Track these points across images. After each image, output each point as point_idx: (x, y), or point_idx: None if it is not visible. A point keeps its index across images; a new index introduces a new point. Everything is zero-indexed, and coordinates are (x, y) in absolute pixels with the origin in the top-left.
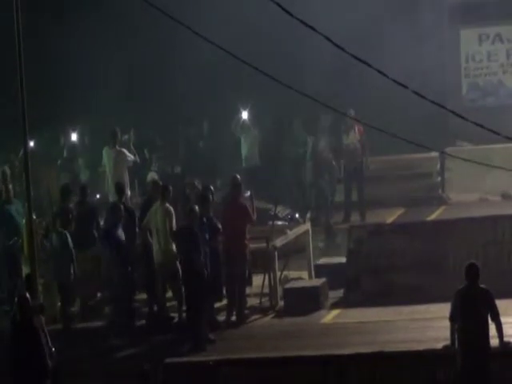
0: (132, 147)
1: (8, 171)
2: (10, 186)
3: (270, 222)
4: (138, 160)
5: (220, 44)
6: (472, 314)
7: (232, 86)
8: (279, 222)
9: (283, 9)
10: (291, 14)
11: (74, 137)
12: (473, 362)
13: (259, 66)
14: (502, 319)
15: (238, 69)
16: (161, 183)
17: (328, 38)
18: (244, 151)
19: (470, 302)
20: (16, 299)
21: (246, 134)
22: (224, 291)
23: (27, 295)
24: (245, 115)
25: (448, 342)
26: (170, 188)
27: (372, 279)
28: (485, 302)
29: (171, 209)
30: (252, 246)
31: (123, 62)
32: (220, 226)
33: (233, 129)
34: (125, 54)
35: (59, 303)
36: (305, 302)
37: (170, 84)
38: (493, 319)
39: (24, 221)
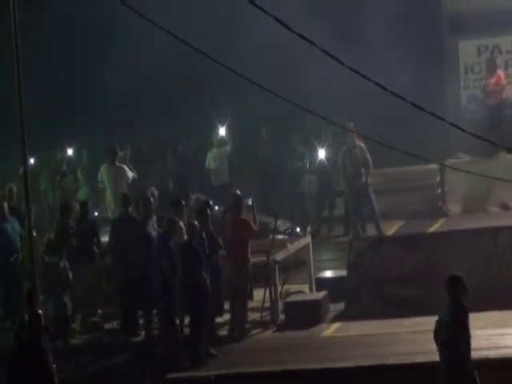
0: (128, 163)
1: (15, 189)
2: (5, 204)
3: (271, 236)
4: (137, 176)
5: (211, 54)
6: None
7: (225, 99)
8: (280, 236)
9: (281, 22)
10: (290, 29)
11: (70, 152)
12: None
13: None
14: (503, 330)
15: (234, 81)
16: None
17: (326, 52)
18: (212, 167)
19: None
20: (28, 316)
21: (219, 150)
22: (225, 306)
23: (40, 312)
24: (222, 131)
25: None
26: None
27: (373, 292)
28: None
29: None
30: (252, 259)
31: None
32: (221, 241)
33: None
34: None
35: None
36: (306, 315)
37: (161, 98)
38: None
39: (21, 237)
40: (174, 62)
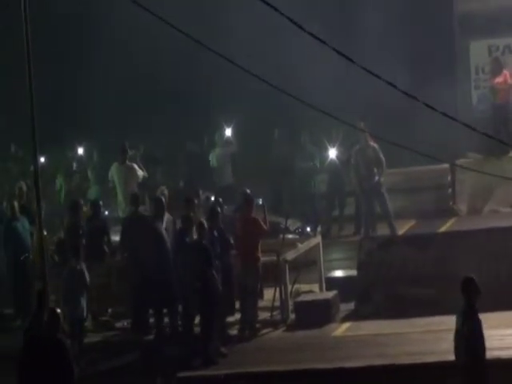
0: (139, 162)
1: (25, 188)
2: (16, 203)
3: (281, 236)
4: (147, 175)
5: (224, 53)
6: None
7: (235, 99)
8: (290, 236)
9: (295, 23)
10: (304, 29)
11: (81, 152)
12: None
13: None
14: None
15: (244, 80)
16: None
17: (338, 51)
18: (216, 166)
19: None
20: (45, 314)
21: (222, 149)
22: (236, 305)
23: (58, 310)
24: (228, 131)
25: None
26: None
27: (383, 291)
28: None
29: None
30: (263, 259)
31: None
32: (232, 240)
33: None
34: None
35: None
36: (316, 315)
37: (174, 97)
38: None
39: (32, 235)
40: (185, 61)
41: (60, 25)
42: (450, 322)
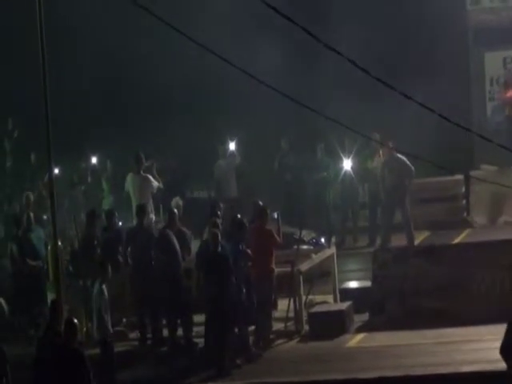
0: (155, 173)
1: (31, 197)
2: (32, 214)
3: (295, 247)
4: (162, 186)
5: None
6: None
7: (249, 110)
8: (304, 247)
9: (309, 33)
10: (317, 39)
11: (95, 161)
12: None
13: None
14: None
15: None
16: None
17: (353, 62)
18: (219, 179)
19: None
20: (65, 323)
21: (225, 161)
22: None
23: (75, 320)
24: (232, 145)
25: None
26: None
27: (397, 303)
28: None
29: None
30: (277, 270)
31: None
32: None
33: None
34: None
35: (84, 329)
36: (330, 326)
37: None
38: None
39: (49, 247)
40: (202, 73)
41: (75, 35)
42: (464, 333)
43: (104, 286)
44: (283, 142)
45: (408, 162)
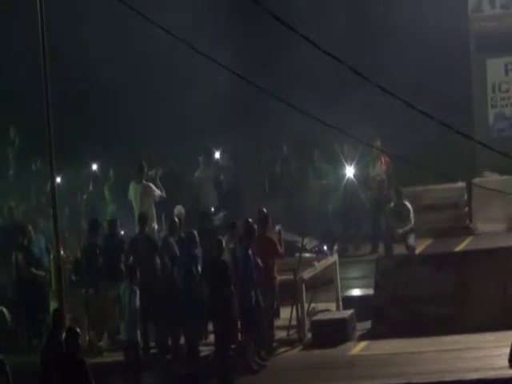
0: (158, 182)
1: (13, 205)
2: (30, 227)
3: (298, 254)
4: (165, 195)
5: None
6: None
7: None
8: (307, 254)
9: (309, 40)
10: (318, 47)
11: (96, 169)
12: None
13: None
14: None
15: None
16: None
17: (354, 70)
18: (198, 189)
19: None
20: (67, 333)
21: (204, 172)
22: None
23: (77, 330)
24: (217, 154)
25: None
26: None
27: (400, 310)
28: None
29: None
30: (280, 278)
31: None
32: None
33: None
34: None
35: (87, 337)
36: (332, 333)
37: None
38: None
39: (51, 256)
40: (209, 85)
41: (77, 40)
42: (466, 340)
43: (137, 290)
44: (285, 147)
45: (412, 215)
